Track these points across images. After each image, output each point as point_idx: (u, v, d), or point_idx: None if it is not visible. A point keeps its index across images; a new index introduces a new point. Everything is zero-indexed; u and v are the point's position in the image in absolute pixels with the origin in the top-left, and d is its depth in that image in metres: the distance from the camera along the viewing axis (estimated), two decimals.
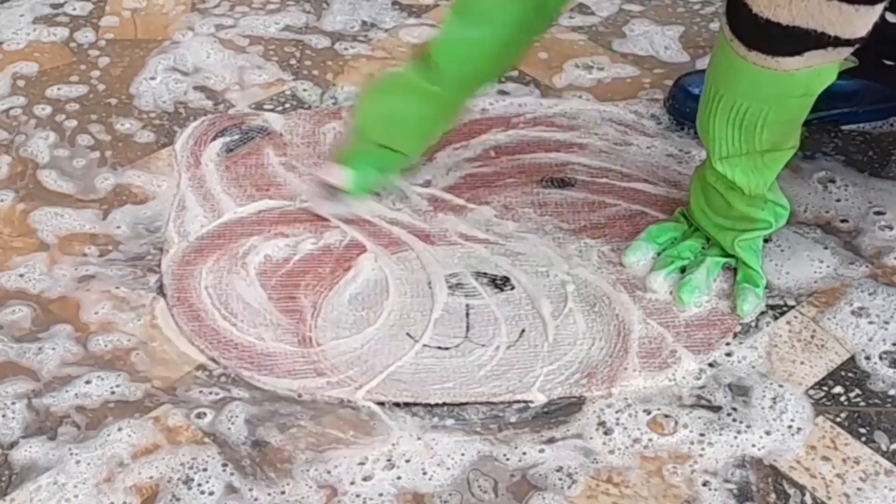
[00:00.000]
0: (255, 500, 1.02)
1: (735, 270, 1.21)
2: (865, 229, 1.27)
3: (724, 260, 1.20)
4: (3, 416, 1.08)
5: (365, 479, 1.04)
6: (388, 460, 1.05)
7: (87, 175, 1.34)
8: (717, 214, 1.19)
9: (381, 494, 1.02)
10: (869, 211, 1.29)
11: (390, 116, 1.22)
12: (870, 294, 1.20)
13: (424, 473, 1.04)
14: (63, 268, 1.23)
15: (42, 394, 1.10)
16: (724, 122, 1.12)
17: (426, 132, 1.26)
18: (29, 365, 1.13)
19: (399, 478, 1.04)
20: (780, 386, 1.11)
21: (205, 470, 1.04)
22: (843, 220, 1.28)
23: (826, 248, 1.25)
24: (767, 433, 1.07)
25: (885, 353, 1.15)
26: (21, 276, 1.21)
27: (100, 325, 1.17)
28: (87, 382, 1.11)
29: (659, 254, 1.22)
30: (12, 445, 1.06)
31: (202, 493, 1.03)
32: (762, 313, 1.18)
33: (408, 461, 1.05)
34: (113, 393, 1.10)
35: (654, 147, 1.37)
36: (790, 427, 1.08)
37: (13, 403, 1.09)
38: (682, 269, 1.21)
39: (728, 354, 1.15)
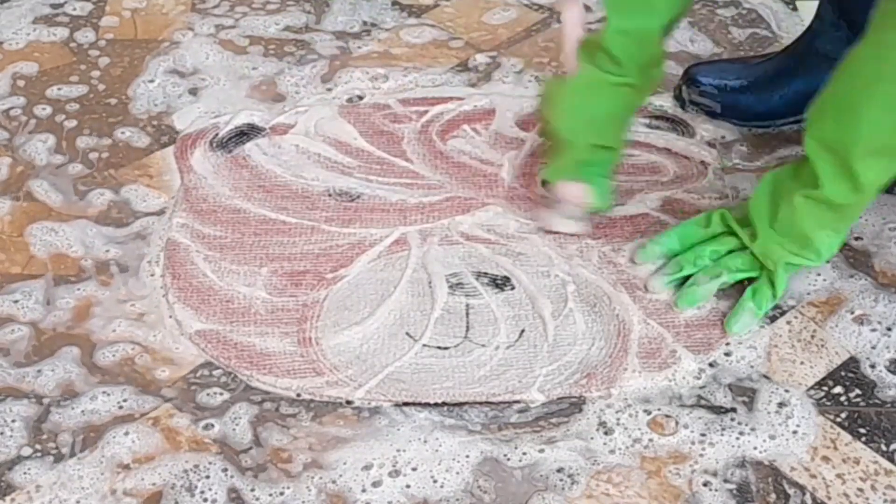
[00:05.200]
0: (257, 499, 1.02)
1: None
2: (881, 245, 1.26)
3: (743, 276, 1.17)
4: (2, 433, 1.08)
5: (374, 484, 1.04)
6: (394, 466, 1.05)
7: (82, 183, 1.34)
8: (778, 225, 1.14)
9: (389, 503, 1.03)
10: (884, 227, 1.28)
11: (594, 116, 1.21)
12: (872, 301, 1.20)
13: (435, 481, 1.04)
14: (60, 283, 1.22)
15: (48, 411, 1.10)
16: (890, 108, 1.03)
17: (627, 122, 1.27)
18: (30, 386, 1.12)
19: (408, 486, 1.04)
20: (786, 391, 1.11)
21: (207, 477, 1.04)
22: (857, 238, 1.27)
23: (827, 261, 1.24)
24: (772, 437, 1.07)
25: (888, 359, 1.15)
26: (15, 301, 1.20)
27: (100, 336, 1.17)
28: (93, 399, 1.11)
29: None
30: (13, 458, 1.06)
31: (205, 500, 1.03)
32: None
33: (414, 469, 1.05)
34: (121, 408, 1.10)
35: (656, 147, 1.37)
36: (795, 432, 1.08)
37: (13, 421, 1.09)
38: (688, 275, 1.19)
39: (728, 354, 1.15)
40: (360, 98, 1.45)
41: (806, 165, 1.11)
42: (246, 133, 1.39)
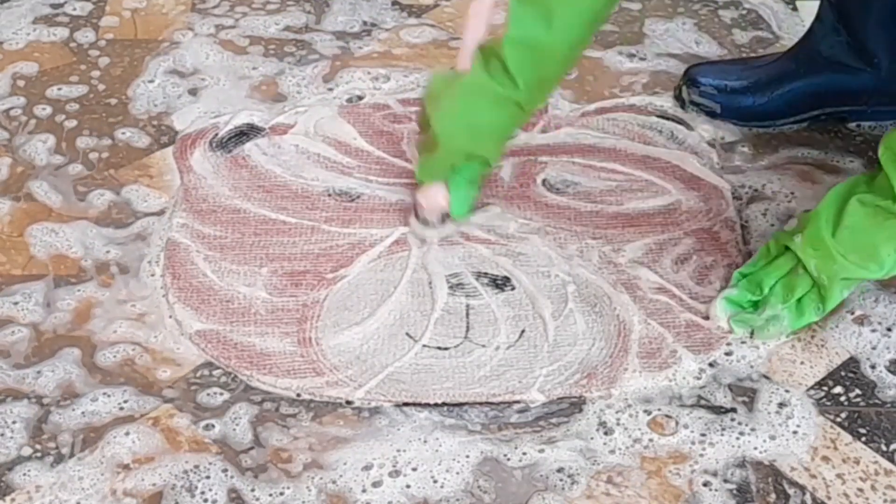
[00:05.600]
0: (257, 499, 1.03)
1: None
2: None
3: (797, 326, 1.15)
4: (2, 434, 1.08)
5: (374, 484, 1.04)
6: (394, 466, 1.05)
7: (83, 184, 1.33)
8: (841, 235, 1.10)
9: (390, 503, 1.03)
10: None
11: (474, 124, 1.17)
12: (872, 301, 1.20)
13: (435, 481, 1.04)
14: (60, 284, 1.22)
15: (48, 412, 1.10)
16: None
17: (507, 137, 1.23)
18: (30, 388, 1.12)
19: (408, 486, 1.04)
20: (787, 391, 1.11)
21: (207, 477, 1.04)
22: None
23: None
24: (772, 437, 1.07)
25: (888, 359, 1.15)
26: (15, 304, 1.20)
27: (101, 337, 1.17)
28: (94, 400, 1.11)
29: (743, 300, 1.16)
30: (14, 458, 1.06)
31: (205, 500, 1.03)
32: None
33: (414, 469, 1.05)
34: (121, 409, 1.10)
35: (657, 146, 1.37)
36: (795, 433, 1.08)
37: (13, 422, 1.09)
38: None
39: (728, 354, 1.15)
40: (360, 98, 1.45)
41: (881, 177, 1.08)
42: (245, 133, 1.39)
